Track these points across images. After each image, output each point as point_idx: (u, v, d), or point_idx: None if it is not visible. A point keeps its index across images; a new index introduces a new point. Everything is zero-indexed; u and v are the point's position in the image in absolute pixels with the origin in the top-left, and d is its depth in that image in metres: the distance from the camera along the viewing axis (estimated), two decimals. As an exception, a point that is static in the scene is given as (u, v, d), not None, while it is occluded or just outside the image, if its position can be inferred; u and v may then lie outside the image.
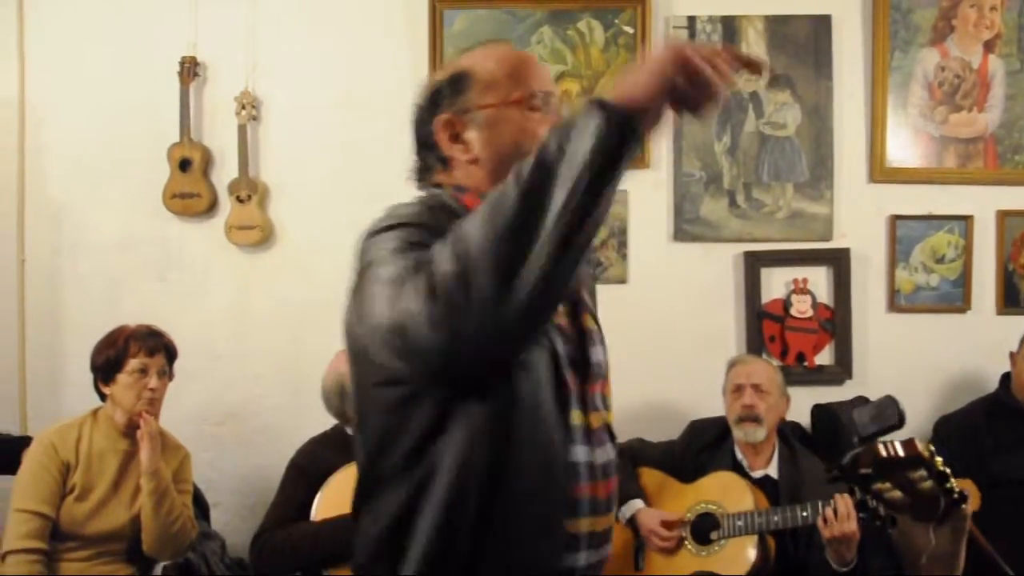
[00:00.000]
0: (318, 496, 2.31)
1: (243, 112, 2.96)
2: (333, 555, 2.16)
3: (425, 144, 1.20)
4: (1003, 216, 2.96)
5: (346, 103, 3.02)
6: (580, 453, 1.12)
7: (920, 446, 1.09)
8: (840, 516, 2.21)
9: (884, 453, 1.08)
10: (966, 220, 2.95)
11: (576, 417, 1.12)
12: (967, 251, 2.95)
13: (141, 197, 3.03)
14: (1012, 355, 2.71)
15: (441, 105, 1.18)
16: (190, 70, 2.96)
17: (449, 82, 1.19)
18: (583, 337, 1.18)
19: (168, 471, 2.35)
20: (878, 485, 1.08)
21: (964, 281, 2.96)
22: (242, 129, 2.96)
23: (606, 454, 1.17)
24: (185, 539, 2.36)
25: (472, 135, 1.16)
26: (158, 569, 2.33)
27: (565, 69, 2.98)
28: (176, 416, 2.59)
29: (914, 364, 2.94)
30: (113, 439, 2.38)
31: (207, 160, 3.01)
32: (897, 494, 1.08)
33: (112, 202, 3.05)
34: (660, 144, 2.98)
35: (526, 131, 1.15)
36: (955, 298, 2.97)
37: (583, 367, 1.16)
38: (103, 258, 3.06)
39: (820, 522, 2.23)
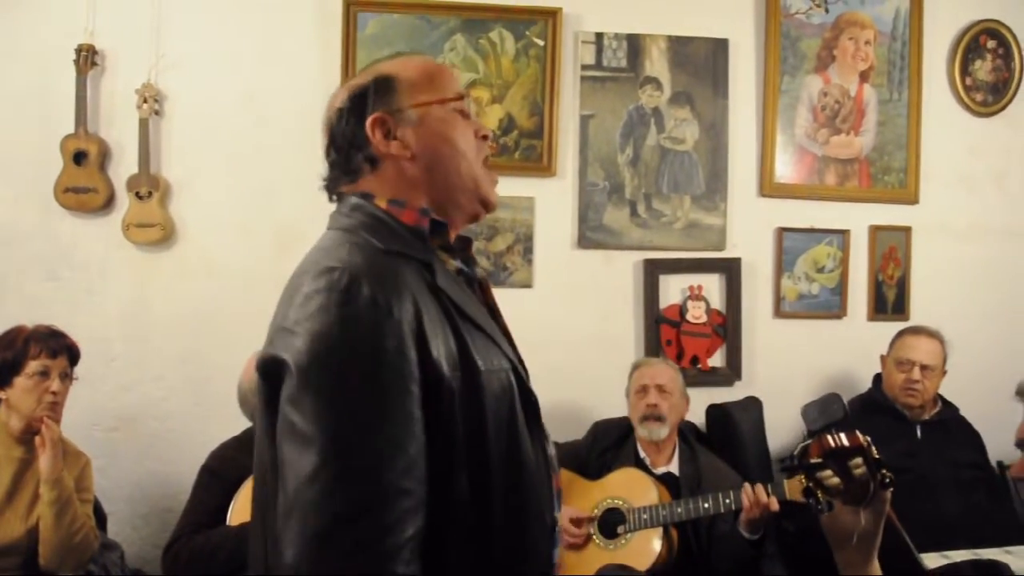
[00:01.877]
0: (233, 501, 2.26)
1: (145, 105, 2.85)
2: (254, 560, 2.13)
3: (351, 144, 1.19)
4: (875, 231, 3.24)
5: (254, 101, 2.97)
6: (549, 448, 1.19)
7: (860, 437, 1.21)
8: (759, 495, 2.36)
9: (832, 444, 1.20)
10: (843, 234, 3.21)
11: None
12: (844, 262, 3.22)
13: (29, 190, 2.87)
14: (882, 357, 2.97)
15: (367, 106, 1.18)
16: (87, 59, 2.82)
17: (374, 85, 1.19)
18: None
19: (70, 479, 2.24)
20: (822, 474, 1.20)
21: (841, 290, 3.22)
22: (144, 123, 2.86)
23: (551, 447, 1.23)
24: (87, 550, 2.26)
25: (406, 132, 1.18)
26: (58, 582, 2.21)
27: (477, 77, 3.03)
28: (65, 420, 2.43)
29: (797, 366, 3.17)
30: (7, 446, 2.25)
31: (104, 154, 2.89)
32: (836, 480, 1.20)
33: (-5, 194, 2.88)
34: (566, 154, 3.09)
35: (457, 129, 1.20)
36: (833, 305, 3.22)
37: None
38: (-17, 254, 2.88)
39: (749, 500, 2.35)
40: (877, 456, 1.19)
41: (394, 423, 0.99)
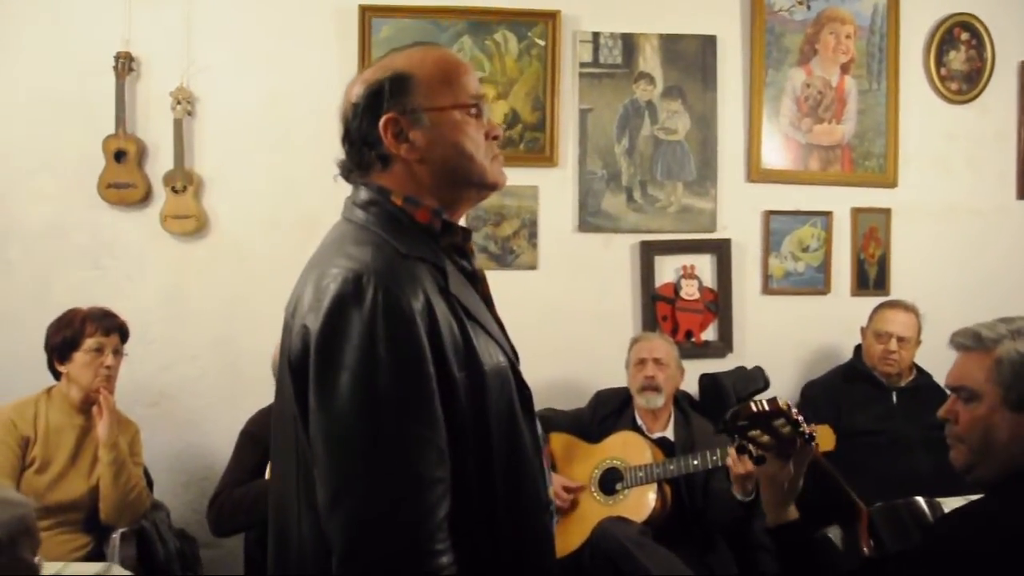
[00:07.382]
0: (270, 460, 2.51)
1: (179, 107, 3.10)
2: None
3: (364, 141, 1.21)
4: (856, 212, 3.46)
5: (278, 101, 3.20)
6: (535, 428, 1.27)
7: (781, 401, 1.41)
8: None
9: (755, 408, 1.40)
10: (827, 215, 3.44)
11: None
12: (827, 242, 3.44)
13: (75, 187, 3.12)
14: (862, 329, 3.20)
15: (381, 105, 1.19)
16: (125, 65, 3.07)
17: (390, 83, 1.19)
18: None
19: (124, 443, 2.50)
20: (752, 433, 1.41)
21: (825, 268, 3.45)
22: (178, 123, 3.11)
23: (539, 428, 1.30)
24: (141, 507, 2.51)
25: (417, 135, 1.19)
26: (116, 535, 2.47)
27: (483, 75, 3.26)
28: (112, 395, 2.70)
29: (784, 339, 3.40)
30: (69, 415, 2.51)
31: (142, 152, 3.14)
32: (766, 438, 1.42)
33: (44, 191, 3.13)
34: (567, 145, 3.32)
35: (467, 134, 1.21)
36: (818, 282, 3.45)
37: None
38: (32, 245, 3.13)
39: (733, 460, 2.52)
40: (796, 418, 1.40)
41: (422, 421, 1.09)
